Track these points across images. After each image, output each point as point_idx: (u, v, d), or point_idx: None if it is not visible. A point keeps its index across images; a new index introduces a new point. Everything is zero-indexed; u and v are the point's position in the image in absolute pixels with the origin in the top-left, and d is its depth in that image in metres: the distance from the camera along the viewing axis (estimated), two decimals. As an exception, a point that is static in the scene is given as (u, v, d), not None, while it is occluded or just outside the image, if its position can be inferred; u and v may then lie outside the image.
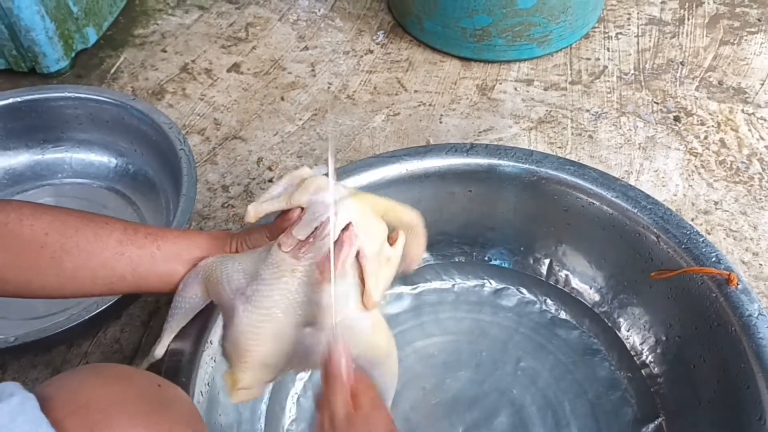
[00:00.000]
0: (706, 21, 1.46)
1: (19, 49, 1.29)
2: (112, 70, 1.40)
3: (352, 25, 1.49)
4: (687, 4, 1.50)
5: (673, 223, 0.83)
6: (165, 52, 1.44)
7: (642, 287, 0.89)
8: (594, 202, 0.89)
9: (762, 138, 1.21)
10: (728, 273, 0.77)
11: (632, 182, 1.15)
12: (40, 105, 1.11)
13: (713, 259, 0.79)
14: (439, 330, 0.96)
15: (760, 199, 1.12)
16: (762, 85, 1.31)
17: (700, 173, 1.16)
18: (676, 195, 1.13)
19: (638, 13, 1.49)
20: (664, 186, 1.15)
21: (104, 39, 1.46)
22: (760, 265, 1.03)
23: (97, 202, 1.13)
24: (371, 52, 1.43)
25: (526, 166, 0.92)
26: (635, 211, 0.86)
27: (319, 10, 1.54)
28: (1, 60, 1.32)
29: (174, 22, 1.52)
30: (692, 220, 1.09)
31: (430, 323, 0.96)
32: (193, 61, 1.42)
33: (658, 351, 0.88)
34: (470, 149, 0.93)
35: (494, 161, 0.93)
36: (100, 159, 1.16)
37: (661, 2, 1.51)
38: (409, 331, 0.96)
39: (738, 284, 0.76)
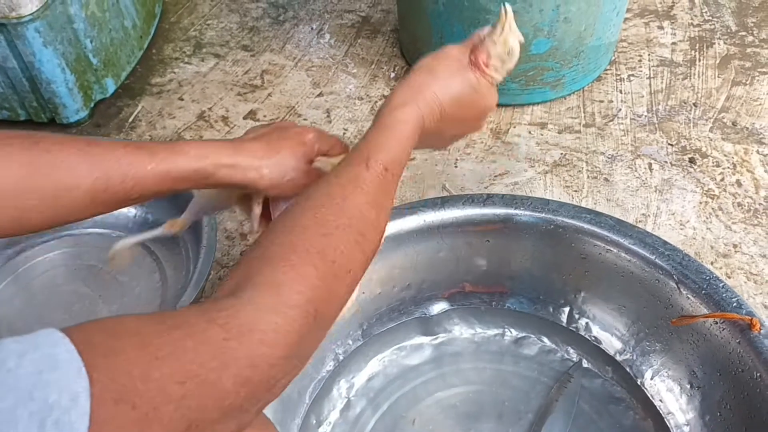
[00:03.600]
0: (718, 62, 1.47)
1: (39, 100, 1.31)
2: (131, 119, 1.42)
3: (366, 70, 1.51)
4: (698, 45, 1.52)
5: (692, 269, 0.83)
6: (182, 100, 1.46)
7: (663, 334, 0.88)
8: (611, 249, 0.89)
9: (778, 179, 1.21)
10: (750, 318, 0.77)
11: (650, 225, 1.15)
12: (60, 157, 1.13)
13: (734, 304, 0.79)
14: (460, 380, 0.95)
15: (779, 241, 1.12)
16: (776, 125, 1.32)
17: (717, 215, 1.16)
18: (695, 238, 1.13)
19: (649, 54, 1.50)
20: (681, 229, 1.14)
21: (122, 88, 1.49)
22: (782, 309, 1.03)
23: (117, 252, 1.14)
24: (385, 97, 1.44)
25: (543, 215, 0.92)
26: (653, 257, 0.86)
27: (334, 57, 1.56)
28: (21, 111, 1.35)
29: (190, 71, 1.54)
30: (711, 263, 1.09)
31: (451, 374, 0.96)
32: (209, 109, 1.44)
33: (683, 399, 0.87)
34: (486, 199, 0.94)
35: (511, 211, 0.93)
36: (120, 209, 1.17)
37: (672, 44, 1.52)
38: (431, 382, 0.95)
39: (761, 329, 0.76)
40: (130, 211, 1.17)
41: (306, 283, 0.50)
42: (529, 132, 1.34)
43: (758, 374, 0.74)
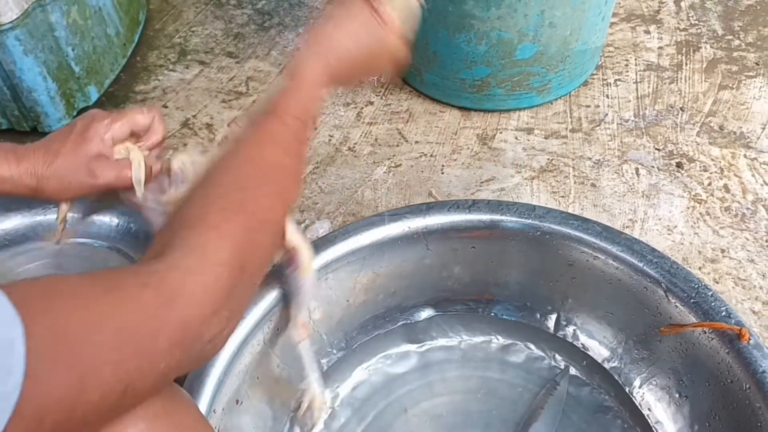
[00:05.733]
0: (704, 66, 1.47)
1: (21, 109, 1.30)
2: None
3: (352, 77, 1.50)
4: (684, 49, 1.51)
5: (680, 277, 0.82)
6: (166, 107, 1.45)
7: (652, 342, 0.87)
8: (599, 256, 0.88)
9: (766, 183, 1.21)
10: (739, 328, 0.76)
11: (637, 231, 1.14)
12: (41, 166, 1.11)
13: (723, 313, 0.78)
14: (446, 389, 0.94)
15: (767, 246, 1.11)
16: (763, 129, 1.31)
17: (705, 220, 1.16)
18: (682, 243, 1.12)
19: (636, 59, 1.50)
20: (669, 234, 1.14)
21: (106, 96, 1.47)
22: (771, 314, 1.02)
23: (99, 261, 1.12)
24: (371, 103, 1.43)
25: (529, 221, 0.91)
26: (641, 265, 0.85)
27: (319, 63, 1.55)
28: (2, 120, 1.33)
29: (175, 78, 1.53)
30: (699, 269, 1.08)
31: (438, 382, 0.95)
32: (194, 116, 1.42)
33: (672, 408, 0.86)
34: (472, 205, 0.92)
35: (496, 217, 0.92)
36: (101, 218, 1.15)
37: (659, 48, 1.52)
38: (417, 391, 0.94)
39: (750, 339, 0.75)
40: (112, 221, 1.15)
41: (228, 238, 0.52)
42: (516, 137, 1.33)
43: (747, 386, 0.73)
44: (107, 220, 1.15)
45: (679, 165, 1.25)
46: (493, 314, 1.00)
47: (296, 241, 0.74)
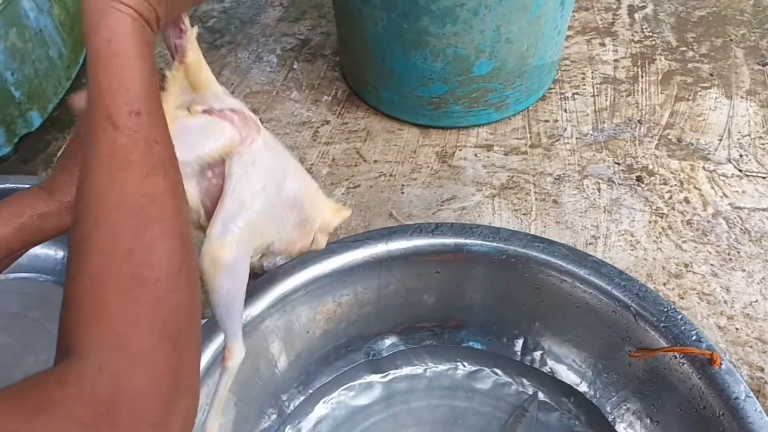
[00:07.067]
0: (660, 78, 1.47)
1: (-42, 137, 1.24)
2: (59, 153, 1.35)
3: (307, 95, 1.47)
4: (639, 61, 1.51)
5: (649, 300, 0.80)
6: (114, 131, 1.39)
7: (622, 367, 0.85)
8: (566, 279, 0.86)
9: (725, 195, 1.20)
10: (711, 353, 0.74)
11: (600, 247, 1.13)
12: (-20, 198, 1.05)
13: (693, 337, 0.76)
14: (412, 420, 0.91)
15: (729, 259, 1.10)
16: (720, 140, 1.31)
17: (667, 234, 1.15)
18: (646, 259, 1.11)
19: (592, 72, 1.49)
20: (633, 250, 1.12)
21: (50, 120, 1.41)
22: (737, 329, 1.01)
23: (43, 296, 1.07)
24: (327, 122, 1.40)
25: (494, 244, 0.88)
26: (609, 288, 0.83)
27: (273, 82, 1.51)
28: (-61, 149, 1.27)
29: (123, 100, 1.47)
30: (664, 284, 1.07)
31: (403, 413, 0.91)
32: (143, 140, 1.37)
33: (644, 434, 0.84)
34: (435, 229, 0.90)
35: (461, 240, 0.89)
36: (46, 251, 1.10)
37: (614, 60, 1.52)
38: (382, 423, 0.90)
39: (721, 364, 0.73)
40: (57, 253, 1.10)
41: (143, 318, 0.41)
42: (476, 155, 1.31)
43: (721, 413, 0.71)
44: (52, 252, 1.10)
45: (639, 179, 1.25)
46: (459, 340, 0.97)
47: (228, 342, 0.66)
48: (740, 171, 1.25)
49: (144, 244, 0.42)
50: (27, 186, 1.03)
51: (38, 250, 1.09)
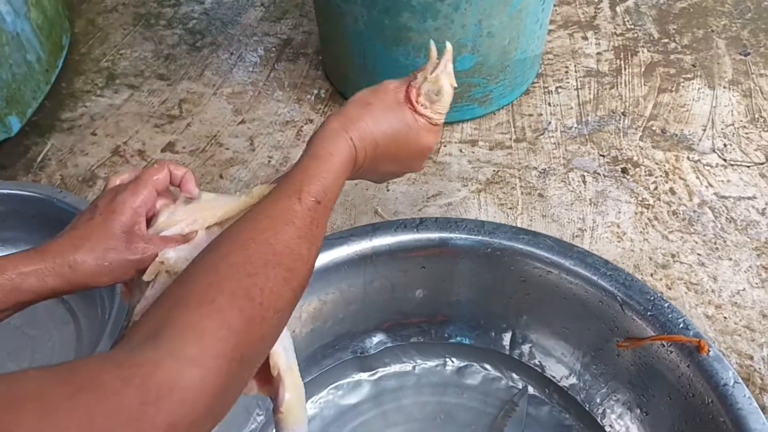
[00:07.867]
0: (643, 70, 1.47)
1: (-65, 143, 1.22)
2: (39, 158, 1.33)
3: (290, 94, 1.46)
4: (622, 54, 1.51)
5: (635, 289, 0.80)
6: (95, 135, 1.38)
7: (610, 357, 0.85)
8: (552, 270, 0.85)
9: (710, 185, 1.20)
10: (698, 340, 0.74)
11: (587, 239, 1.12)
12: (-41, 204, 1.04)
13: (681, 325, 0.76)
14: (402, 418, 0.90)
15: (716, 248, 1.10)
16: (704, 131, 1.31)
17: (654, 225, 1.14)
18: (633, 250, 1.10)
19: (575, 65, 1.49)
20: (619, 241, 1.12)
21: (29, 126, 1.39)
22: (725, 318, 1.01)
23: (40, 315, 1.05)
24: (311, 121, 1.39)
25: (479, 237, 0.88)
26: (595, 278, 0.82)
27: (255, 82, 1.50)
28: None
29: (103, 103, 1.46)
30: (651, 275, 1.07)
31: (393, 411, 0.91)
32: (125, 143, 1.36)
33: (634, 425, 0.84)
34: (420, 224, 0.89)
35: (446, 235, 0.89)
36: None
37: (597, 53, 1.52)
38: (371, 422, 0.90)
39: (709, 351, 0.73)
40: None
41: (230, 328, 0.45)
42: (461, 150, 1.30)
43: (710, 400, 0.71)
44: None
45: (624, 170, 1.24)
46: (446, 335, 0.96)
47: (282, 372, 0.58)
48: (725, 160, 1.25)
49: (267, 275, 0.50)
50: (5, 191, 1.03)
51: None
